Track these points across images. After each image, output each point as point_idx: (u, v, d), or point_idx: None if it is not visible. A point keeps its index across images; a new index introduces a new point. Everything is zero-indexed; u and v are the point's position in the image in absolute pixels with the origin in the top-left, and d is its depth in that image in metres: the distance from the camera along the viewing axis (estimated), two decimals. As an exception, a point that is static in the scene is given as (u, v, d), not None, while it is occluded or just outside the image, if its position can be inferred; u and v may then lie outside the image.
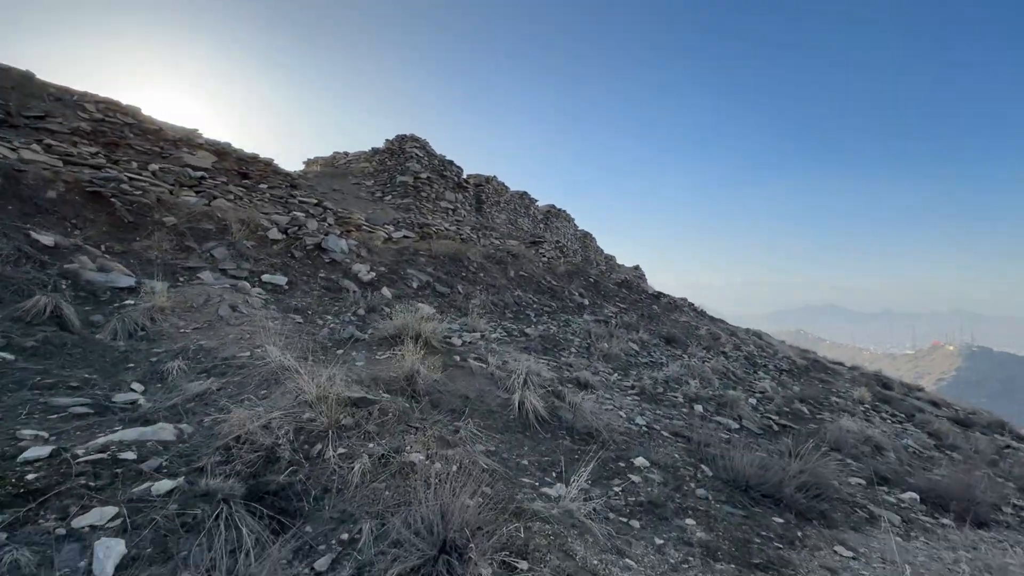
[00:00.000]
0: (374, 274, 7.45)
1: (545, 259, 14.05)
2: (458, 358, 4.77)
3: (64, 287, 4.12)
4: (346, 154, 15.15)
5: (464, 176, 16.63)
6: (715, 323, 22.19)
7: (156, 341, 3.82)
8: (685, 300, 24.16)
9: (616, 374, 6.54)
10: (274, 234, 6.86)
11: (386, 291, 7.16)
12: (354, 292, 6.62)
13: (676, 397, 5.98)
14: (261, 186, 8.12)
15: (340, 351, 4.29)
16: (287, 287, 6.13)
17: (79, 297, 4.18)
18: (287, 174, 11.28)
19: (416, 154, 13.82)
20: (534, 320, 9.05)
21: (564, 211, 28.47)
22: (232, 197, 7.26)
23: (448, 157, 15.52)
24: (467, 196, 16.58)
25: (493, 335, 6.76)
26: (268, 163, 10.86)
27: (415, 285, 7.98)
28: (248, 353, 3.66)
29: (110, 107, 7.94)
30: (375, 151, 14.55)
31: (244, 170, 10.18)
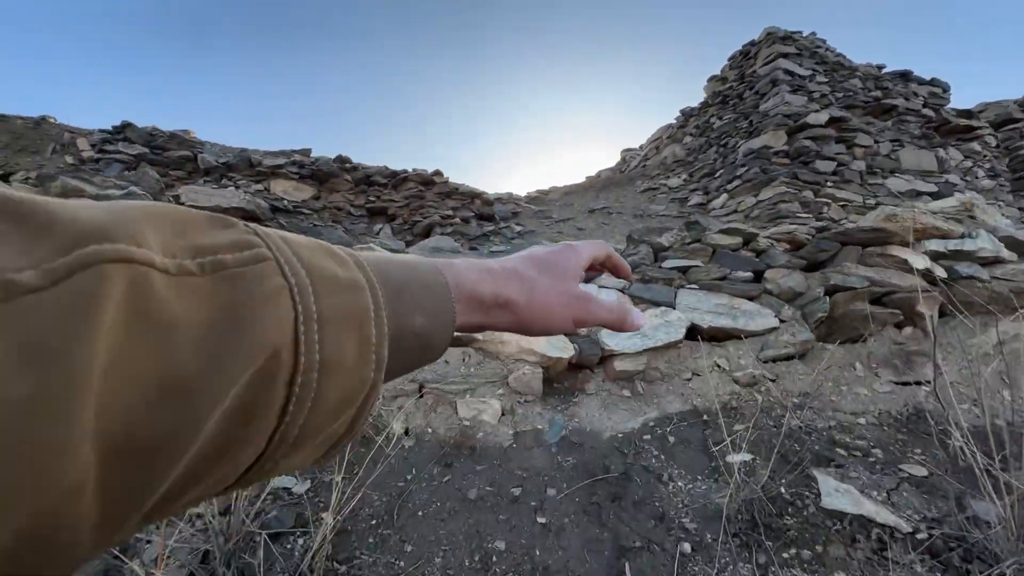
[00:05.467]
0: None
1: None
2: None
3: None
4: (640, 148, 8.15)
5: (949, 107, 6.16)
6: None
7: None
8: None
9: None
10: None
11: None
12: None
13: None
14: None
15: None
16: None
17: None
18: (475, 196, 5.39)
19: (788, 73, 5.19)
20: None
21: None
22: None
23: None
24: (991, 152, 5.92)
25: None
26: (443, 179, 5.35)
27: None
28: None
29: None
30: (688, 113, 6.83)
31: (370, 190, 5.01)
